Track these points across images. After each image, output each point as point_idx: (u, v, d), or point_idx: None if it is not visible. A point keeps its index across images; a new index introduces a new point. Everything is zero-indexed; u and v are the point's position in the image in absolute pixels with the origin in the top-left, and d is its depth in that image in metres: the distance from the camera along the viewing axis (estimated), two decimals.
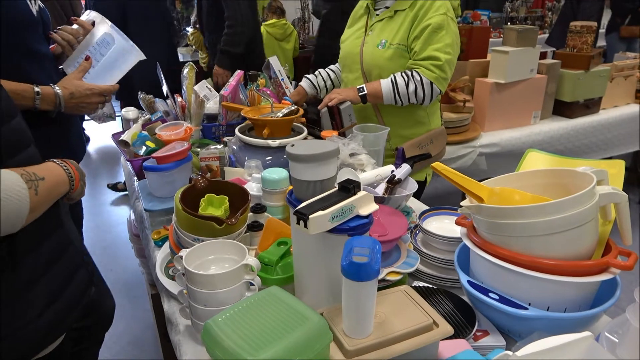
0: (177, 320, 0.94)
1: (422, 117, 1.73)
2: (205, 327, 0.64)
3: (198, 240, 0.91)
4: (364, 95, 1.61)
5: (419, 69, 1.57)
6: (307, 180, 0.76)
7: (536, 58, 2.40)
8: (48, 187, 0.81)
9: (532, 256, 0.77)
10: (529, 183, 0.90)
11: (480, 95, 2.41)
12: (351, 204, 0.71)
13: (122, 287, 2.63)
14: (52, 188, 0.83)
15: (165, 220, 1.30)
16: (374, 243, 0.65)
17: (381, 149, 1.46)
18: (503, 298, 0.80)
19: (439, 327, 0.69)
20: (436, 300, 0.91)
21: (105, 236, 3.13)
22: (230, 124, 1.75)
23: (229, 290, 0.79)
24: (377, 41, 1.65)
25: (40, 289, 0.84)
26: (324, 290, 0.78)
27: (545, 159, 1.05)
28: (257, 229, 1.04)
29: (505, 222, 0.78)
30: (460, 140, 2.28)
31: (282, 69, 1.93)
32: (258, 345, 0.58)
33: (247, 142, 1.40)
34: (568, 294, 0.78)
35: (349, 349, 0.64)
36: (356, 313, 0.66)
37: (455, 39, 1.59)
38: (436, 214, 1.17)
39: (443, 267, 1.02)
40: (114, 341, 2.22)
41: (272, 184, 1.12)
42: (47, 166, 0.86)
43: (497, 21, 5.45)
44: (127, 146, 1.56)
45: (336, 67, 1.95)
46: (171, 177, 1.29)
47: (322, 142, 0.79)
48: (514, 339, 0.83)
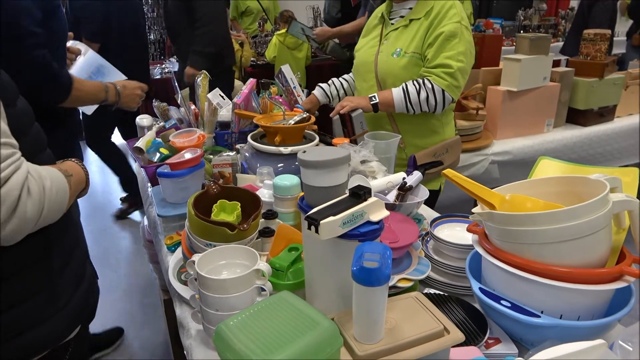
0: (189, 324, 0.95)
1: (437, 126, 1.73)
2: (217, 330, 0.65)
3: (210, 246, 0.92)
4: (376, 104, 1.62)
5: (430, 76, 1.57)
6: (318, 187, 0.77)
7: (549, 66, 2.39)
8: (75, 182, 0.89)
9: (545, 264, 0.76)
10: (541, 191, 0.90)
11: (492, 103, 2.41)
12: (362, 210, 0.72)
13: (135, 292, 2.65)
14: (78, 184, 0.92)
15: (178, 226, 1.32)
16: (385, 249, 0.65)
17: (392, 156, 1.46)
18: (515, 306, 0.79)
19: (450, 334, 0.69)
20: (447, 307, 0.90)
21: (119, 242, 3.17)
22: (243, 132, 1.77)
23: (240, 295, 0.80)
24: (392, 50, 1.66)
25: (68, 275, 0.93)
26: (335, 295, 0.78)
27: (557, 167, 1.05)
28: (269, 235, 1.04)
29: (517, 229, 0.78)
30: (472, 148, 2.27)
31: (294, 77, 1.95)
32: (269, 349, 0.59)
33: (259, 149, 1.41)
34: (581, 302, 0.77)
35: (359, 354, 0.65)
36: (367, 318, 0.66)
37: (469, 48, 1.59)
38: (447, 221, 1.16)
39: (454, 274, 1.02)
40: (126, 346, 2.24)
41: (284, 190, 1.12)
42: (70, 165, 0.93)
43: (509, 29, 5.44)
44: (142, 153, 1.58)
45: (349, 77, 1.96)
46: (184, 184, 1.30)
47: (334, 149, 0.80)
48: (526, 347, 0.83)
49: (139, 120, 1.90)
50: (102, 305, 1.30)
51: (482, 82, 2.44)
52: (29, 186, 0.73)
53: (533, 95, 2.38)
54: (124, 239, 3.24)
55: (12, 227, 0.72)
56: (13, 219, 0.71)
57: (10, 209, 0.70)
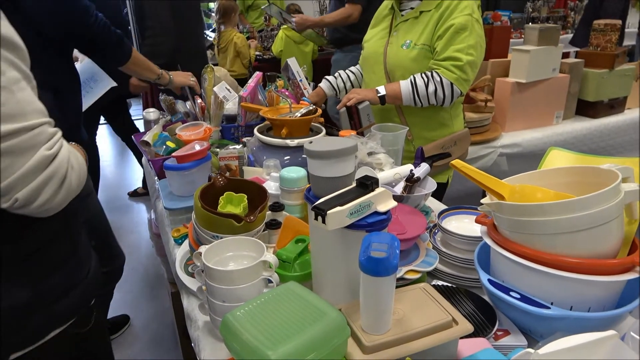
0: (196, 316, 0.95)
1: (445, 119, 1.71)
2: (224, 320, 0.65)
3: (217, 238, 0.92)
4: (383, 96, 1.61)
5: (439, 69, 1.56)
6: (325, 177, 0.76)
7: (558, 57, 2.36)
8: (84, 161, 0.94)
9: (555, 254, 0.75)
10: (552, 181, 0.89)
11: (501, 95, 2.38)
12: (369, 200, 0.71)
13: (143, 285, 2.67)
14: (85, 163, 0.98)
15: (185, 219, 1.32)
16: (393, 239, 0.65)
17: (400, 148, 1.45)
18: (525, 297, 0.78)
19: (459, 325, 0.69)
20: (456, 299, 0.90)
21: (127, 236, 3.18)
22: (249, 125, 1.76)
23: (247, 286, 0.79)
24: (401, 42, 1.64)
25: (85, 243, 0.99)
26: (342, 286, 0.77)
27: (567, 157, 1.03)
28: (275, 227, 1.04)
29: (527, 220, 0.77)
30: (480, 140, 2.25)
31: (301, 70, 1.94)
32: (276, 339, 0.59)
33: (265, 142, 1.41)
34: (592, 294, 0.76)
35: (367, 345, 0.64)
36: (374, 309, 0.65)
37: (480, 41, 1.57)
38: (455, 213, 1.15)
39: (462, 266, 1.01)
40: (134, 338, 2.25)
41: (291, 182, 1.12)
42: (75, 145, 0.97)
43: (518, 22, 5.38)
44: (149, 146, 1.58)
45: (356, 69, 1.94)
46: (191, 177, 1.31)
47: (341, 139, 0.79)
48: (535, 339, 0.82)
49: (146, 113, 1.90)
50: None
51: (491, 74, 2.41)
52: (71, 160, 0.79)
53: (542, 87, 2.35)
54: (131, 232, 3.26)
55: (60, 198, 0.78)
56: (62, 191, 0.78)
57: (60, 182, 0.77)
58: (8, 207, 0.73)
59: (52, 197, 0.76)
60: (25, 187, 0.72)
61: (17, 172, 0.71)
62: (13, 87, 0.70)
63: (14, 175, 0.71)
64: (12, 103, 0.70)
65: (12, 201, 0.72)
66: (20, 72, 0.72)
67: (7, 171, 0.70)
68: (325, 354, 0.61)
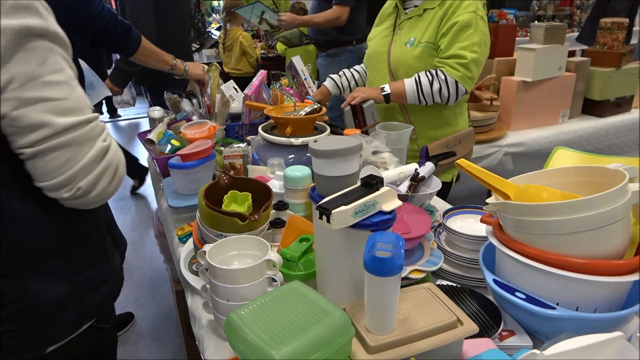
0: (200, 314, 0.95)
1: (450, 117, 1.71)
2: (228, 319, 0.65)
3: (221, 236, 0.92)
4: (387, 95, 1.60)
5: (443, 67, 1.55)
6: (329, 176, 0.76)
7: (564, 55, 2.34)
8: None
9: (561, 255, 0.75)
10: (558, 181, 0.88)
11: (506, 93, 2.37)
12: (374, 200, 0.71)
13: (147, 284, 2.67)
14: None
15: (189, 217, 1.32)
16: (398, 238, 0.64)
17: (404, 147, 1.44)
18: (530, 297, 0.78)
19: (464, 325, 0.68)
20: (460, 299, 0.89)
21: (131, 234, 3.19)
22: (254, 124, 1.76)
23: (251, 285, 0.79)
24: (405, 39, 1.64)
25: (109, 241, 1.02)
26: (346, 286, 0.77)
27: (574, 157, 1.02)
28: (280, 226, 1.04)
29: (533, 220, 0.77)
30: (485, 139, 2.24)
31: (305, 68, 1.94)
32: (280, 338, 0.58)
33: (270, 141, 1.41)
34: (598, 294, 0.75)
35: (371, 345, 0.64)
36: (379, 309, 0.65)
37: (484, 38, 1.56)
38: (460, 212, 1.15)
39: (467, 266, 1.01)
40: (139, 336, 2.26)
41: (295, 181, 1.12)
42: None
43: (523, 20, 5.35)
44: (153, 144, 1.59)
45: (361, 68, 1.94)
46: (195, 175, 1.31)
47: (345, 138, 0.78)
48: (540, 339, 0.81)
49: (150, 111, 1.90)
50: None
51: (496, 73, 2.40)
52: (119, 151, 0.84)
53: (548, 86, 2.34)
54: (135, 230, 3.27)
55: (113, 186, 0.83)
56: (115, 180, 0.82)
57: (114, 171, 0.82)
58: (69, 196, 0.77)
59: (107, 185, 0.81)
60: (86, 176, 0.77)
61: (80, 162, 0.75)
62: (72, 82, 0.75)
63: (78, 165, 0.75)
64: (73, 98, 0.75)
65: (75, 190, 0.76)
66: (72, 69, 0.77)
67: (72, 161, 0.75)
68: (330, 354, 0.60)
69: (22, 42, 0.69)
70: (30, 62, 0.70)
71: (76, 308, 0.88)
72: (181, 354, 2.10)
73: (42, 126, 0.72)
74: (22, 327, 0.81)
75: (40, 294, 0.82)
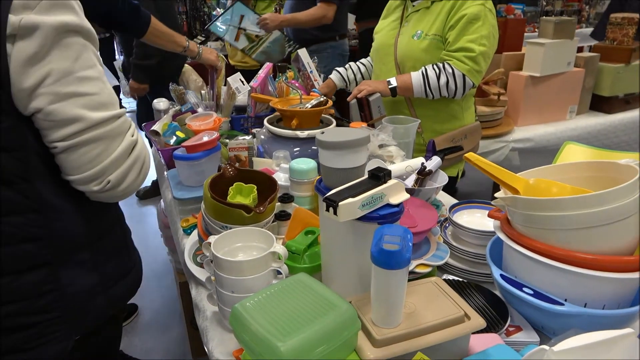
0: (205, 306, 0.95)
1: (456, 111, 1.69)
2: (233, 311, 0.64)
3: (226, 228, 0.91)
4: (394, 88, 1.59)
5: (451, 60, 1.53)
6: (336, 168, 0.75)
7: (574, 50, 2.32)
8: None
9: (570, 250, 0.74)
10: (568, 176, 0.87)
11: (514, 88, 2.35)
12: (381, 192, 0.70)
13: (151, 275, 2.68)
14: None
15: (194, 209, 1.32)
16: (405, 232, 0.63)
17: (411, 141, 1.43)
18: (538, 293, 0.77)
19: (471, 320, 0.67)
20: (467, 293, 0.88)
21: (135, 226, 3.19)
22: (259, 116, 1.75)
23: (256, 277, 0.79)
24: (412, 32, 1.62)
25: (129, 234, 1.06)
26: (353, 278, 0.76)
27: (584, 152, 1.01)
28: (285, 219, 1.03)
29: (542, 215, 0.75)
30: (492, 134, 2.22)
31: (311, 61, 1.93)
32: (286, 330, 0.58)
33: (275, 133, 1.40)
34: (607, 291, 0.74)
35: (377, 339, 0.63)
36: (385, 302, 0.64)
37: (493, 31, 1.54)
38: (467, 207, 1.14)
39: (473, 261, 1.00)
40: (142, 327, 2.27)
41: (300, 174, 1.11)
42: None
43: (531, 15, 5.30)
44: (158, 136, 1.58)
45: (367, 61, 1.92)
46: (200, 167, 1.30)
47: (353, 130, 0.78)
48: (548, 335, 0.81)
49: (156, 103, 1.90)
50: None
51: (504, 67, 2.38)
52: (145, 146, 0.87)
53: (556, 81, 2.32)
54: (140, 222, 3.27)
55: (140, 179, 0.86)
56: (142, 173, 0.85)
57: (142, 165, 0.85)
58: (99, 189, 0.79)
59: (135, 179, 0.84)
60: (116, 169, 0.79)
61: (111, 155, 0.78)
62: (103, 78, 0.78)
63: (109, 159, 0.78)
64: (105, 93, 0.77)
65: (105, 183, 0.79)
66: (102, 65, 0.80)
67: (103, 155, 0.77)
68: (336, 347, 0.60)
69: (59, 39, 0.71)
70: (66, 58, 0.72)
71: (104, 297, 0.91)
72: (185, 345, 2.11)
73: (76, 120, 0.73)
74: (57, 317, 0.83)
75: (73, 284, 0.84)
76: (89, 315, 0.89)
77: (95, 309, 0.90)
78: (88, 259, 0.87)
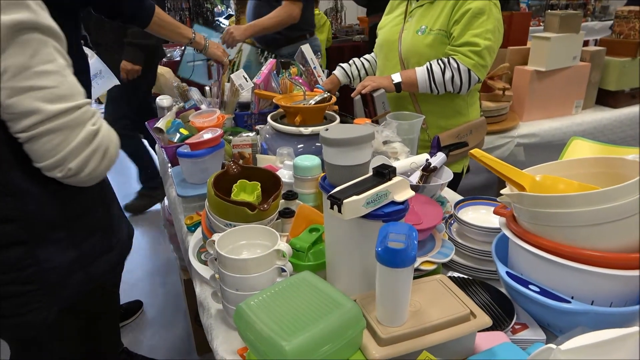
0: (209, 304, 0.94)
1: (461, 107, 1.68)
2: (237, 310, 0.64)
3: (230, 226, 0.91)
4: (399, 84, 1.58)
5: (456, 55, 1.52)
6: (341, 165, 0.74)
7: (580, 44, 2.30)
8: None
9: (577, 247, 0.73)
10: (575, 172, 0.86)
11: (519, 83, 2.33)
12: (386, 190, 0.69)
13: (155, 272, 2.69)
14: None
15: (198, 206, 1.31)
16: (410, 229, 0.63)
17: (415, 137, 1.42)
18: (544, 290, 0.76)
19: (477, 318, 0.67)
20: (472, 291, 0.88)
21: (138, 222, 3.21)
22: (263, 113, 1.75)
23: (260, 275, 0.79)
24: (416, 27, 1.61)
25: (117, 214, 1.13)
26: (357, 277, 0.76)
27: (590, 148, 1.00)
28: (289, 216, 1.03)
29: (548, 212, 0.75)
30: (497, 129, 2.21)
31: (314, 57, 1.91)
32: (291, 329, 0.58)
33: (279, 130, 1.39)
34: (614, 288, 0.74)
35: (382, 337, 0.63)
36: (391, 301, 0.64)
37: (498, 25, 1.53)
38: (472, 204, 1.13)
39: (478, 258, 0.99)
40: (147, 324, 2.28)
41: (304, 171, 1.11)
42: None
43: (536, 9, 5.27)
44: (162, 133, 1.58)
45: (371, 57, 1.91)
46: (204, 164, 1.30)
47: (357, 127, 0.77)
48: (554, 333, 0.80)
49: (159, 100, 1.90)
50: (123, 285, 1.32)
51: (509, 62, 2.36)
52: (111, 134, 0.91)
53: (562, 76, 2.30)
54: (145, 219, 3.28)
55: (104, 167, 0.90)
56: (105, 160, 0.89)
57: (103, 152, 0.88)
58: (62, 176, 0.85)
59: (97, 166, 0.88)
60: (76, 157, 0.84)
61: (70, 144, 0.82)
62: (64, 71, 0.82)
63: (68, 148, 0.82)
64: (65, 86, 0.81)
65: (66, 171, 0.84)
66: (65, 60, 0.84)
67: (63, 144, 0.82)
68: (340, 346, 0.60)
69: (14, 36, 0.74)
70: (22, 54, 0.75)
71: (83, 273, 0.98)
72: (189, 342, 2.11)
73: (33, 113, 0.78)
74: (37, 289, 0.92)
75: (50, 260, 0.92)
76: (67, 289, 0.96)
77: (75, 284, 0.97)
78: (64, 238, 0.94)
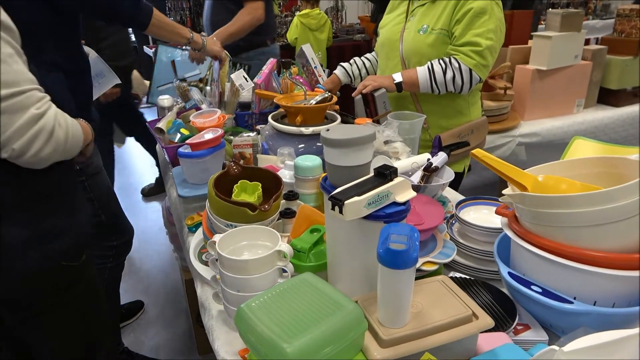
0: (210, 305, 0.94)
1: (462, 106, 1.67)
2: (238, 311, 0.64)
3: (231, 226, 0.91)
4: (400, 83, 1.57)
5: (457, 55, 1.52)
6: (342, 166, 0.74)
7: (581, 43, 2.29)
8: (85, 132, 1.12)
9: (579, 248, 0.73)
10: (577, 172, 0.86)
11: (520, 82, 2.33)
12: (387, 190, 0.69)
13: (157, 272, 2.69)
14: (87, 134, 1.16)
15: (199, 207, 1.31)
16: (412, 230, 0.63)
17: (417, 137, 1.42)
18: (546, 291, 0.76)
19: (479, 319, 0.67)
20: (474, 291, 0.88)
21: (140, 223, 3.21)
22: (263, 112, 1.74)
23: (261, 276, 0.78)
24: (418, 26, 1.60)
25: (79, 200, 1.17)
26: (359, 278, 0.76)
27: (593, 147, 1.00)
28: (290, 216, 1.03)
29: (550, 212, 0.74)
30: (499, 129, 2.21)
31: (315, 57, 1.91)
32: (292, 331, 0.57)
33: (280, 130, 1.39)
34: (617, 289, 0.73)
35: (384, 339, 0.63)
36: (392, 302, 0.64)
37: (500, 25, 1.52)
38: (473, 204, 1.13)
39: (480, 258, 0.99)
40: (148, 324, 2.28)
41: (305, 171, 1.10)
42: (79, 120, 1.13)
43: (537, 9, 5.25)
44: (163, 133, 1.58)
45: (372, 56, 1.91)
46: (205, 164, 1.30)
47: (358, 127, 0.77)
48: (556, 334, 0.80)
49: (160, 100, 1.90)
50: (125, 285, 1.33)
51: (511, 61, 2.36)
52: (59, 119, 0.96)
53: (563, 75, 2.29)
54: (146, 220, 3.28)
55: (49, 150, 0.94)
56: (50, 143, 0.94)
57: (48, 136, 0.93)
58: (8, 157, 0.91)
59: (42, 148, 0.93)
60: (19, 139, 0.90)
61: (13, 126, 0.88)
62: (9, 60, 0.88)
63: (11, 129, 0.88)
64: (9, 74, 0.87)
65: (11, 151, 0.90)
66: (14, 49, 0.89)
67: (6, 127, 0.88)
68: (342, 347, 0.59)
69: None
70: None
71: (39, 251, 1.03)
72: (190, 343, 2.11)
73: None
74: None
75: (6, 236, 0.99)
76: (25, 264, 1.02)
77: (31, 260, 1.03)
78: (20, 217, 1.01)
